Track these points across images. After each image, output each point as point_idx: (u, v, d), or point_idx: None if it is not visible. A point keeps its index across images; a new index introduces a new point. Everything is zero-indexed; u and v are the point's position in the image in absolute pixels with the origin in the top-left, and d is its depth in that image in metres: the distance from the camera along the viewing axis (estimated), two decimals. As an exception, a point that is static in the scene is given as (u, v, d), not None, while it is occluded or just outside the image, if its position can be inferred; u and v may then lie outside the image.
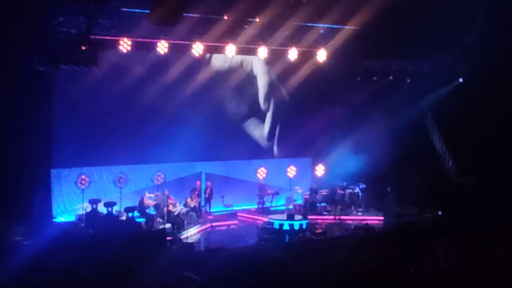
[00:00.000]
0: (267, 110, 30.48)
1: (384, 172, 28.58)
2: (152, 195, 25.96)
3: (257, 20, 26.62)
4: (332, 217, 28.34)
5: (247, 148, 29.85)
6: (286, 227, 25.00)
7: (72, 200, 25.73)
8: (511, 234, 20.36)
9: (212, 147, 28.93)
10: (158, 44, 25.60)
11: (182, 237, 23.84)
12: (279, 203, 29.58)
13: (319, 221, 27.88)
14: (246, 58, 29.30)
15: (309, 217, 26.58)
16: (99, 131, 25.91)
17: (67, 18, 22.86)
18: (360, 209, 29.20)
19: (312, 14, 26.91)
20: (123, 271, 3.87)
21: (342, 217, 28.32)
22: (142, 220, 24.49)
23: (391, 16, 26.91)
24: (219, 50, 27.49)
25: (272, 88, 30.21)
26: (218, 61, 28.69)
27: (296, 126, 29.99)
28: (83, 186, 25.44)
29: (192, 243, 23.48)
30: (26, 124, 22.59)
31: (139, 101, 26.99)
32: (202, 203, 27.66)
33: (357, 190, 29.71)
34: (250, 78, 29.87)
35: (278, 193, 29.70)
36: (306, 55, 29.34)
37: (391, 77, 31.29)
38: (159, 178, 27.09)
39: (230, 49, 27.32)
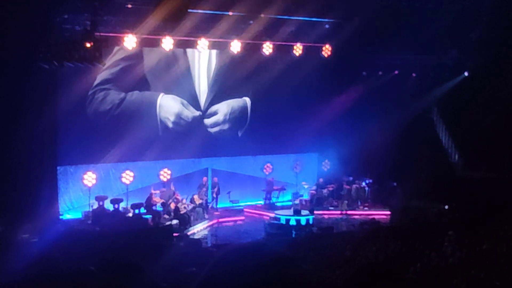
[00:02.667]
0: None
1: (390, 166, 28.58)
2: (158, 192, 25.98)
3: (262, 15, 26.58)
4: (339, 212, 28.34)
5: (253, 144, 29.81)
6: (292, 222, 25.02)
7: (79, 197, 25.76)
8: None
9: (218, 142, 29.05)
10: (163, 40, 25.60)
11: (188, 233, 23.87)
12: (285, 198, 29.57)
13: (326, 216, 27.87)
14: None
15: (315, 212, 26.59)
16: (105, 128, 25.96)
17: (72, 15, 22.87)
18: (366, 204, 29.17)
19: (317, 9, 26.86)
20: (130, 267, 3.87)
21: (349, 212, 28.31)
22: (148, 216, 24.50)
23: (396, 10, 26.86)
24: (224, 46, 27.48)
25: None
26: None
27: (302, 121, 29.95)
28: (89, 183, 25.48)
29: (198, 239, 23.48)
30: (32, 122, 22.60)
31: (144, 97, 27.07)
32: (209, 199, 27.65)
33: (363, 185, 29.69)
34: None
35: (284, 189, 29.70)
36: (312, 50, 29.32)
37: (396, 72, 31.26)
38: (165, 174, 27.12)
39: (235, 45, 27.31)
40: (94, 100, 26.00)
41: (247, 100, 29.87)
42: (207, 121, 28.98)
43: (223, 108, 29.31)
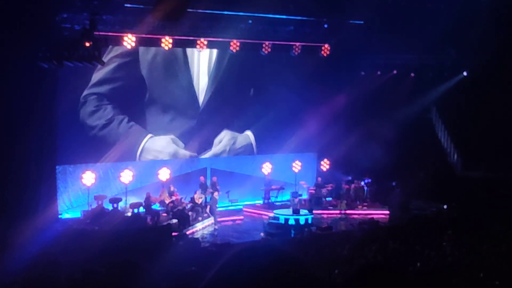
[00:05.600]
0: None
1: (389, 166, 28.56)
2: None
3: (261, 15, 26.61)
4: (338, 211, 28.34)
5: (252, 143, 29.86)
6: (291, 222, 25.02)
7: (78, 196, 25.76)
8: (517, 227, 20.35)
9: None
10: (163, 39, 25.61)
11: (187, 232, 23.86)
12: (284, 198, 29.56)
13: (325, 215, 27.88)
14: None
15: (314, 212, 26.58)
16: (104, 127, 25.96)
17: (71, 14, 22.89)
18: (365, 204, 29.18)
19: (316, 8, 26.88)
20: (129, 266, 3.88)
21: (348, 211, 28.31)
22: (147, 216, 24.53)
23: (395, 9, 26.87)
24: (223, 45, 27.50)
25: None
26: None
27: (301, 121, 29.97)
28: (88, 183, 25.47)
29: (198, 238, 23.49)
30: (31, 121, 22.63)
31: (144, 96, 27.06)
32: (208, 199, 27.64)
33: (362, 184, 29.70)
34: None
35: (283, 188, 29.69)
36: (310, 50, 29.33)
37: (395, 71, 31.25)
38: (164, 173, 27.11)
39: (234, 45, 27.35)
40: (86, 107, 25.85)
41: (249, 135, 29.94)
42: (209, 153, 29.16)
43: (225, 141, 29.44)
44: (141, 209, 24.65)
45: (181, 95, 28.09)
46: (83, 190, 25.59)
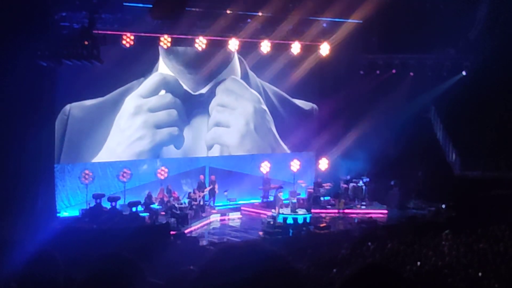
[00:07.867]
0: None
1: (388, 165, 28.57)
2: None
3: (260, 14, 26.61)
4: (336, 210, 28.30)
5: (250, 143, 29.83)
6: (290, 221, 25.00)
7: (76, 195, 25.75)
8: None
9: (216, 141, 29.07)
10: (161, 38, 25.61)
11: (186, 231, 23.87)
12: (283, 197, 29.53)
13: (323, 214, 27.82)
14: None
15: (313, 211, 26.56)
16: (102, 126, 25.94)
17: (70, 12, 22.87)
18: (364, 203, 29.14)
19: (315, 7, 26.89)
20: (127, 265, 3.87)
21: (346, 210, 28.27)
22: (145, 214, 24.51)
23: (394, 9, 26.87)
24: (221, 44, 27.48)
25: None
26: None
27: (299, 120, 29.98)
28: (87, 181, 25.47)
29: (196, 237, 23.51)
30: (29, 119, 22.60)
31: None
32: (206, 197, 27.62)
33: (360, 183, 29.64)
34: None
35: (282, 187, 29.65)
36: (309, 49, 29.34)
37: (394, 71, 31.22)
38: (162, 172, 27.11)
39: (233, 43, 27.33)
40: None
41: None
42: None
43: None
44: (139, 208, 24.63)
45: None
46: (81, 188, 25.59)
